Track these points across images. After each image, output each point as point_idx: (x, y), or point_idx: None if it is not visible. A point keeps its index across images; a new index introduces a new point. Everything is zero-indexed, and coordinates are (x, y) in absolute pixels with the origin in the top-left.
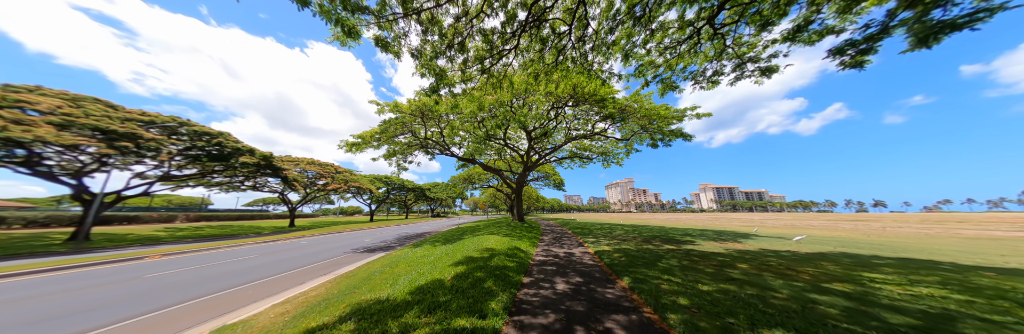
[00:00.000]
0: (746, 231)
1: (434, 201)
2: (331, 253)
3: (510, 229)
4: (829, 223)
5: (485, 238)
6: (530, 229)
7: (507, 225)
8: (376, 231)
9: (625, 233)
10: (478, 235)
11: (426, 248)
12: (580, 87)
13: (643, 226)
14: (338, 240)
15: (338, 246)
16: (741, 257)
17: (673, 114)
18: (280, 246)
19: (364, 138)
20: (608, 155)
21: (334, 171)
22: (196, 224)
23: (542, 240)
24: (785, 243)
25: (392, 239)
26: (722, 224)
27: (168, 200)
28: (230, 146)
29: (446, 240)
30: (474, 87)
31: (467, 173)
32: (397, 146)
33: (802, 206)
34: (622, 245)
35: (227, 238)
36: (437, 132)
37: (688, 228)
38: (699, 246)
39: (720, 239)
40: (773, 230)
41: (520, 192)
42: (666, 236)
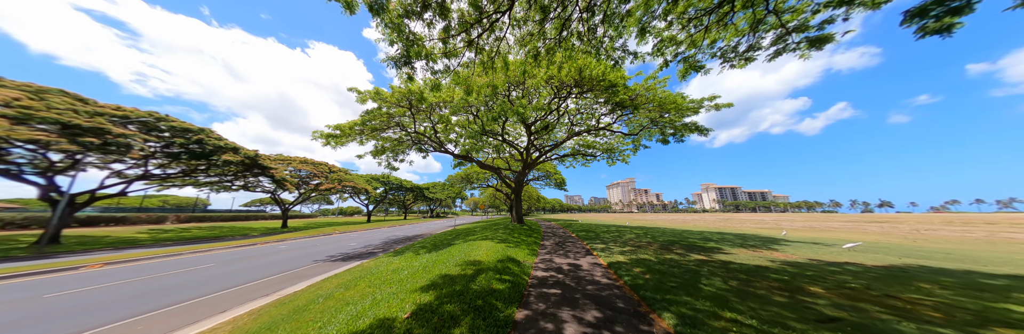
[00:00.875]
0: (771, 235)
1: (433, 201)
2: (300, 262)
3: (507, 233)
4: (850, 224)
5: (476, 245)
6: (529, 232)
7: (504, 228)
8: (367, 233)
9: (636, 237)
10: (469, 240)
11: (405, 258)
12: (587, 70)
13: (653, 228)
14: (320, 244)
15: (315, 252)
16: (800, 273)
17: (689, 105)
18: (252, 252)
19: (343, 130)
20: (614, 152)
21: (327, 170)
22: (186, 225)
23: (543, 246)
24: (834, 251)
25: (379, 243)
26: (735, 226)
27: (164, 201)
28: (211, 144)
29: (434, 246)
30: (461, 65)
31: (465, 172)
32: (386, 142)
33: (806, 206)
34: (639, 254)
35: (210, 241)
36: (429, 128)
37: (703, 231)
38: (731, 255)
39: (750, 245)
40: (800, 233)
41: (519, 192)
42: (685, 241)
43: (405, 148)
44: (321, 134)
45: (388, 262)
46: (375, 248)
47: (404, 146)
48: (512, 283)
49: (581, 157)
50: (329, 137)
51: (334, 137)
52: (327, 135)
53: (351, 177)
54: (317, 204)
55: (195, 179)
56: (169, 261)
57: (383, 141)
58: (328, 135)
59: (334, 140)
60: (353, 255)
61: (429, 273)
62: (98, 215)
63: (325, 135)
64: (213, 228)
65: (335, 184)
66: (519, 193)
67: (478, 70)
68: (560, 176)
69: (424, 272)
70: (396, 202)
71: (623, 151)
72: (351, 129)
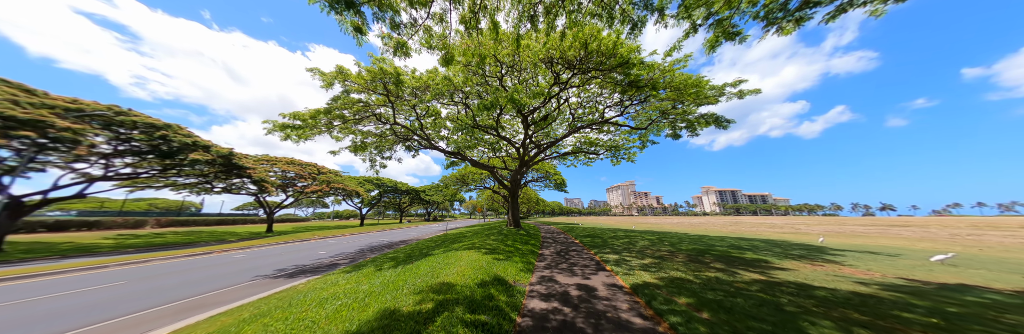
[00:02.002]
0: (804, 241)
1: (430, 204)
2: (235, 278)
3: (500, 239)
4: (874, 228)
5: (456, 257)
6: (526, 238)
7: (498, 233)
8: (349, 239)
9: (652, 244)
10: (452, 250)
11: (357, 277)
12: (594, 42)
13: (665, 233)
14: (285, 253)
15: (268, 264)
16: (937, 308)
17: (709, 92)
18: (199, 263)
19: (303, 120)
20: (618, 150)
21: (316, 172)
22: (163, 230)
23: (541, 257)
24: (922, 266)
25: (353, 251)
26: (750, 230)
27: (151, 204)
28: (178, 141)
29: (408, 256)
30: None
31: (460, 173)
32: (366, 137)
33: (807, 209)
34: (667, 269)
35: (179, 247)
36: (416, 122)
37: (722, 236)
38: (791, 271)
39: (797, 256)
40: (835, 239)
41: (516, 193)
42: (713, 250)
43: (391, 144)
44: (276, 125)
45: (332, 283)
46: (343, 258)
47: (389, 142)
48: (489, 331)
49: (583, 156)
50: (286, 128)
51: (293, 128)
52: (283, 126)
53: (341, 179)
54: (311, 207)
55: (172, 180)
56: (84, 276)
57: (362, 135)
58: (284, 126)
59: (294, 132)
60: (308, 268)
61: (367, 308)
62: (69, 219)
63: (281, 126)
64: (191, 233)
65: (323, 186)
66: (515, 194)
67: (463, 38)
68: (560, 177)
69: (361, 306)
70: (392, 205)
71: (629, 148)
72: (314, 119)
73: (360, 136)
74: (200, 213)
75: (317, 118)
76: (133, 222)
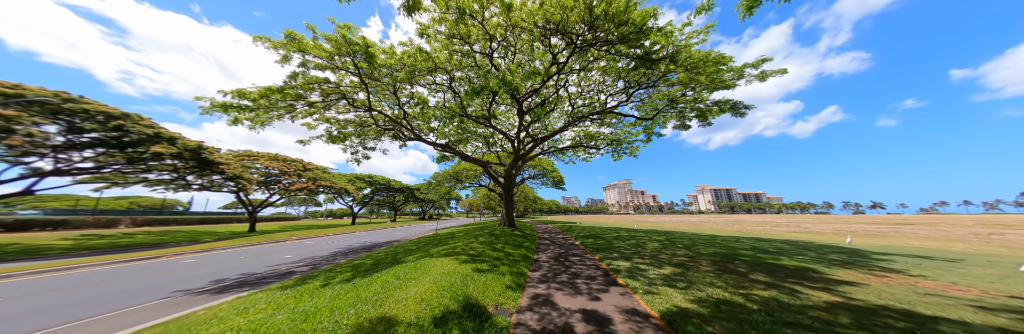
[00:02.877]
0: (829, 242)
1: (426, 203)
2: (145, 295)
3: (488, 241)
4: (887, 228)
5: (428, 267)
6: (520, 240)
7: (489, 234)
8: (328, 241)
9: (664, 247)
10: (429, 256)
11: (284, 299)
12: (600, 4)
13: (672, 233)
14: (247, 257)
15: (214, 271)
16: None
17: (726, 74)
18: (123, 271)
19: (252, 99)
20: (620, 144)
21: (301, 168)
22: (135, 230)
23: (535, 264)
24: (1014, 276)
25: (324, 256)
26: (757, 229)
27: (133, 202)
28: (136, 132)
29: (374, 265)
30: None
31: (453, 169)
32: (344, 126)
33: (800, 208)
34: (700, 285)
35: (145, 248)
36: (399, 111)
37: (735, 236)
38: (862, 286)
39: (840, 262)
40: (864, 240)
41: (510, 189)
42: (739, 255)
43: (376, 135)
44: (214, 104)
45: (242, 310)
46: (304, 265)
47: (373, 132)
48: None
49: (582, 151)
50: (229, 109)
51: (239, 110)
52: (224, 106)
53: (328, 176)
54: (304, 206)
55: (142, 177)
56: None
57: (337, 124)
58: (226, 106)
59: (242, 114)
60: (253, 279)
61: None
62: (32, 218)
63: (221, 106)
64: (167, 233)
65: (309, 184)
66: (510, 191)
67: None
68: (558, 174)
69: None
70: (386, 204)
71: (631, 142)
72: (266, 99)
73: (337, 125)
74: (184, 212)
75: (270, 98)
76: (106, 221)
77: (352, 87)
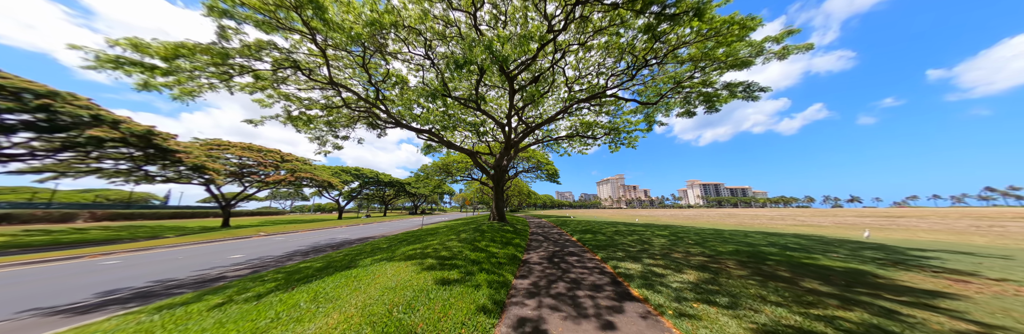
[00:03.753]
0: (850, 237)
1: (417, 197)
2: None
3: (470, 239)
4: (884, 221)
5: (373, 277)
6: (509, 237)
7: (474, 230)
8: (297, 237)
9: (671, 243)
10: (387, 260)
11: (139, 329)
12: None
13: (673, 227)
14: (188, 257)
15: (123, 277)
16: None
17: (743, 51)
18: (45, 272)
19: (163, 56)
20: (619, 133)
21: (279, 159)
22: (91, 225)
23: (524, 267)
24: None
25: (280, 255)
26: (755, 222)
27: (99, 195)
28: (69, 113)
29: (318, 271)
30: None
31: (443, 161)
32: (310, 107)
33: (783, 202)
34: (747, 299)
35: (89, 245)
36: (372, 92)
37: (741, 231)
38: (962, 300)
39: (884, 260)
40: (882, 234)
41: (500, 181)
42: (765, 254)
43: (346, 121)
44: (103, 58)
45: None
46: (245, 268)
47: (344, 118)
48: None
49: (578, 141)
50: (123, 66)
51: (142, 69)
52: (116, 61)
53: (309, 168)
54: (290, 200)
55: (93, 167)
56: None
57: (296, 103)
58: (118, 62)
59: (146, 75)
60: (153, 291)
61: None
62: None
63: (110, 61)
64: (128, 228)
65: (288, 176)
66: (500, 183)
67: None
68: (552, 167)
69: None
70: (375, 198)
71: (631, 132)
72: (188, 61)
73: (296, 104)
74: (157, 206)
75: (192, 58)
76: (59, 216)
77: (311, 57)
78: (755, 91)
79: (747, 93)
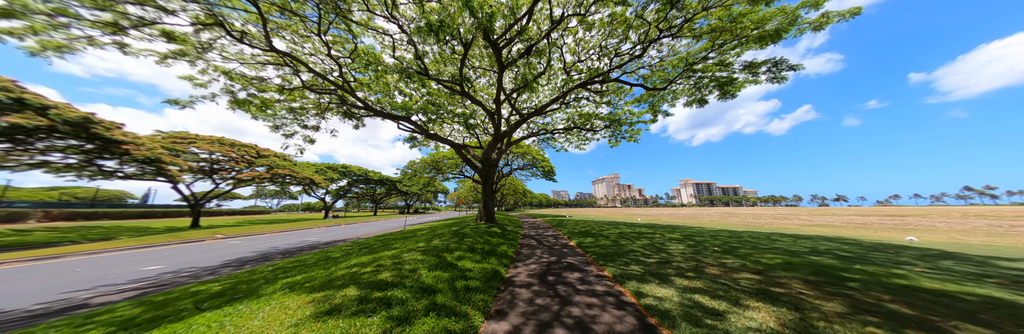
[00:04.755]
0: (891, 241)
1: (410, 196)
2: None
3: (443, 247)
4: (892, 220)
5: (259, 315)
6: (494, 243)
7: (454, 233)
8: (260, 240)
9: (693, 251)
10: (296, 289)
11: None
12: None
13: (680, 228)
14: (97, 266)
15: None
16: None
17: (772, 22)
18: None
19: None
20: (621, 125)
21: (254, 154)
22: (36, 226)
23: (506, 292)
24: None
25: (209, 266)
26: (761, 222)
27: (67, 193)
28: None
29: (200, 302)
30: None
31: (433, 157)
32: (261, 88)
33: (773, 201)
34: None
35: (31, 248)
36: (337, 71)
37: (758, 232)
38: None
39: (968, 274)
40: (928, 237)
41: (489, 176)
42: (826, 267)
43: (316, 108)
44: None
45: None
46: (133, 289)
47: (314, 106)
48: None
49: (576, 135)
50: None
51: None
52: None
53: (287, 164)
54: (276, 198)
55: (38, 160)
56: None
57: (241, 82)
58: None
59: None
60: None
61: None
62: None
63: None
64: (80, 229)
65: (263, 173)
66: (489, 178)
67: None
68: (548, 164)
69: None
70: (365, 196)
71: (633, 123)
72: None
73: (241, 83)
74: (124, 205)
75: None
76: (6, 215)
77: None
78: (784, 70)
79: (774, 73)
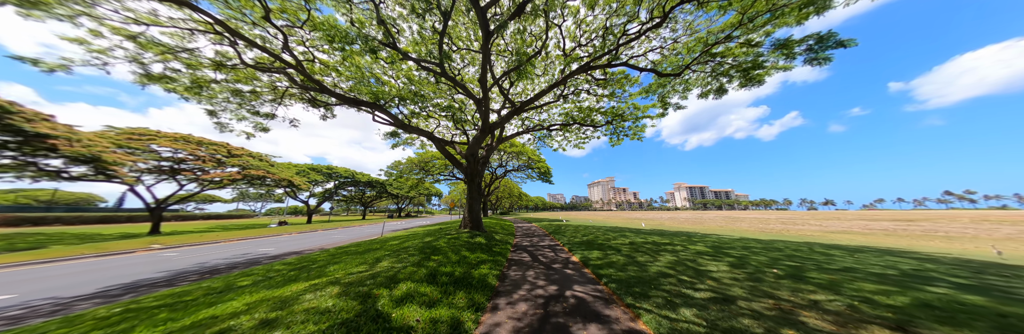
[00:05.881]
0: (975, 255)
1: (402, 199)
2: None
3: (393, 274)
4: (900, 225)
5: None
6: (474, 260)
7: (421, 248)
8: (203, 251)
9: (752, 280)
10: None
11: None
12: None
13: (698, 236)
14: None
15: None
16: None
17: None
18: None
19: None
20: (625, 120)
21: (225, 153)
22: None
23: None
24: None
25: (82, 294)
26: (771, 228)
27: (25, 195)
28: None
29: None
30: None
31: (421, 157)
32: (192, 63)
33: (764, 204)
34: None
35: None
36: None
37: (785, 242)
38: None
39: None
40: (961, 246)
41: (476, 174)
42: (956, 301)
43: (273, 93)
44: None
45: None
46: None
47: (270, 90)
48: None
49: (575, 135)
50: None
51: None
52: None
53: (263, 165)
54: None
55: None
56: None
57: (153, 49)
58: None
59: None
60: None
61: None
62: None
63: None
64: (7, 237)
65: (233, 173)
66: (475, 178)
67: None
68: (544, 164)
69: None
70: (354, 199)
71: (638, 119)
72: None
73: (154, 51)
74: (84, 208)
75: None
76: None
77: None
78: (830, 46)
79: (816, 51)
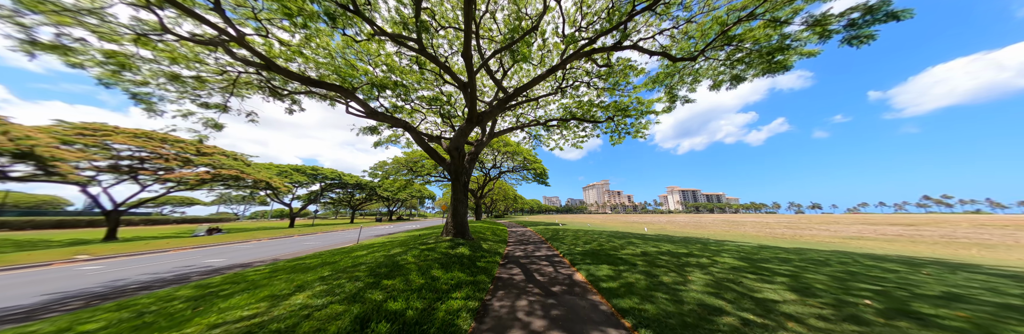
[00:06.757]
0: (1001, 265)
1: (393, 202)
2: None
3: (312, 299)
4: (909, 230)
5: None
6: (443, 287)
7: (374, 269)
8: (138, 262)
9: (835, 311)
10: None
11: None
12: None
13: (713, 243)
14: None
15: None
16: None
17: None
18: None
19: None
20: (628, 116)
21: (194, 152)
22: None
23: None
24: None
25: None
26: (772, 233)
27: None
28: None
29: None
30: None
31: (409, 157)
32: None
33: (754, 208)
34: None
35: None
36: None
37: (818, 251)
38: None
39: None
40: (991, 254)
41: (461, 172)
42: None
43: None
44: None
45: None
46: None
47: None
48: None
49: (573, 130)
50: None
51: None
52: None
53: (237, 164)
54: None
55: None
56: None
57: (46, 11)
58: None
59: None
60: None
61: None
62: None
63: None
64: None
65: (202, 173)
66: (460, 176)
67: None
68: (540, 165)
69: None
70: (342, 202)
71: (642, 114)
72: None
73: (50, 15)
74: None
75: None
76: None
77: None
78: (879, 19)
79: (859, 27)
